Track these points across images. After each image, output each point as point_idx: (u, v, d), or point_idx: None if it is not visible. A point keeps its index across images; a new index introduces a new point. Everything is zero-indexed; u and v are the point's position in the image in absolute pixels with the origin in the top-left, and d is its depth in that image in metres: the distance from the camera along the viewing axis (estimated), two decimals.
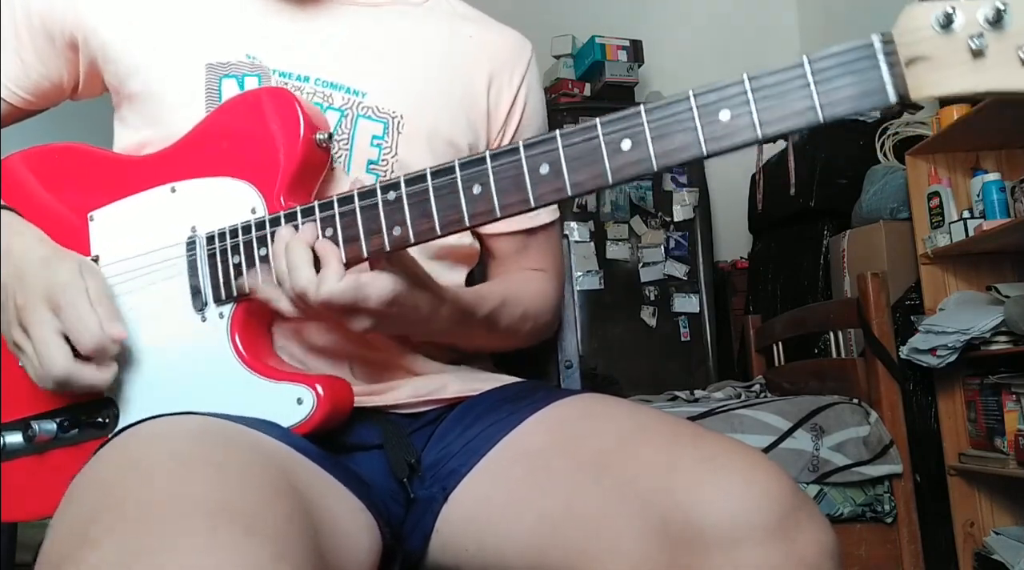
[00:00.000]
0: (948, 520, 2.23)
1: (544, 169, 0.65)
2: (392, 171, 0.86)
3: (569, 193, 0.64)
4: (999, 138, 2.30)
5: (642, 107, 0.62)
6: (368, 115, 0.86)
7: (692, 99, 0.60)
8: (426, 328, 0.80)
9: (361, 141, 0.85)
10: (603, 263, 3.51)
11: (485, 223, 0.68)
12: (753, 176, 3.41)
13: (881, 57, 0.57)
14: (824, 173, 2.91)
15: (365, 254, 0.71)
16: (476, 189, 0.66)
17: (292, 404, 0.73)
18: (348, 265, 0.72)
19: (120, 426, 0.77)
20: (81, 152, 0.87)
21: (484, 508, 0.75)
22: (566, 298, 1.08)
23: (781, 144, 3.26)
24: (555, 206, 0.97)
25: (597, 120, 0.63)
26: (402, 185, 0.69)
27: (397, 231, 0.69)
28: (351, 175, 0.85)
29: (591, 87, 3.75)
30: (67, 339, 0.74)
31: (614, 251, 3.54)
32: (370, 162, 0.86)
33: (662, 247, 3.55)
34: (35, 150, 0.89)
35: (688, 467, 0.66)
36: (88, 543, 0.52)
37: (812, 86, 0.58)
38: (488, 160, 0.66)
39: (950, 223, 2.25)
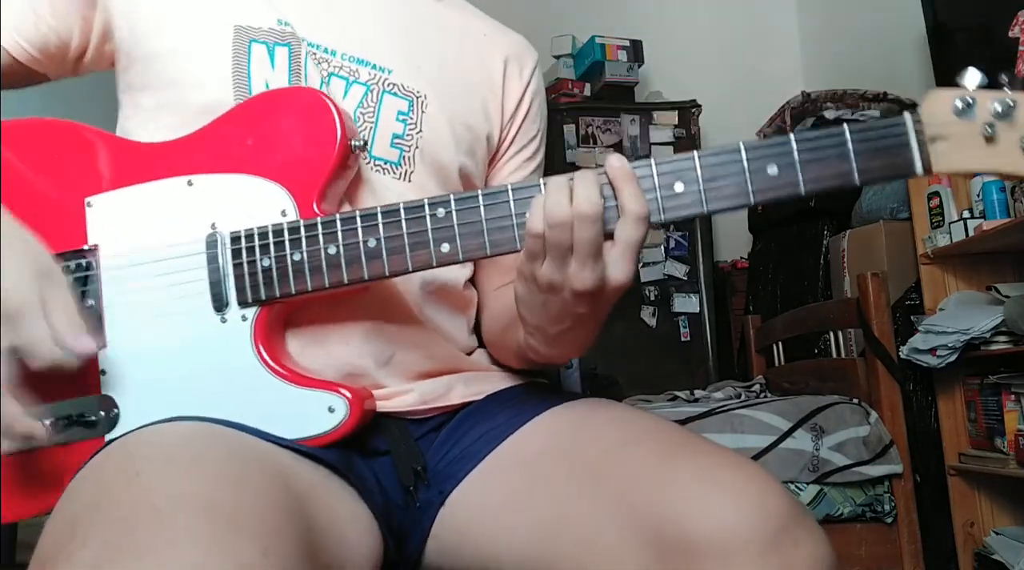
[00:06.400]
0: (948, 520, 2.23)
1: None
2: (416, 147, 0.86)
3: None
4: None
5: (695, 154, 0.69)
6: (394, 92, 0.86)
7: (743, 151, 0.68)
8: (596, 322, 0.75)
9: (387, 115, 0.85)
10: None
11: None
12: None
13: (912, 134, 0.66)
14: None
15: (410, 268, 0.72)
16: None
17: (323, 412, 0.73)
18: (388, 276, 0.73)
19: (120, 425, 0.74)
20: (74, 130, 0.81)
21: (480, 515, 0.75)
22: None
23: None
24: None
25: (652, 161, 0.69)
26: (452, 202, 0.71)
27: (445, 248, 0.71)
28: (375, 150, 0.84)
29: (591, 87, 3.75)
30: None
31: None
32: (395, 136, 0.85)
33: (662, 247, 3.55)
34: (19, 122, 0.81)
35: (683, 479, 0.66)
36: (75, 540, 0.52)
37: (851, 155, 0.67)
38: (542, 187, 0.69)
39: (950, 223, 2.25)
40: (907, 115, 0.67)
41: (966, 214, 2.21)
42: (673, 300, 3.53)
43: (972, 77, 0.66)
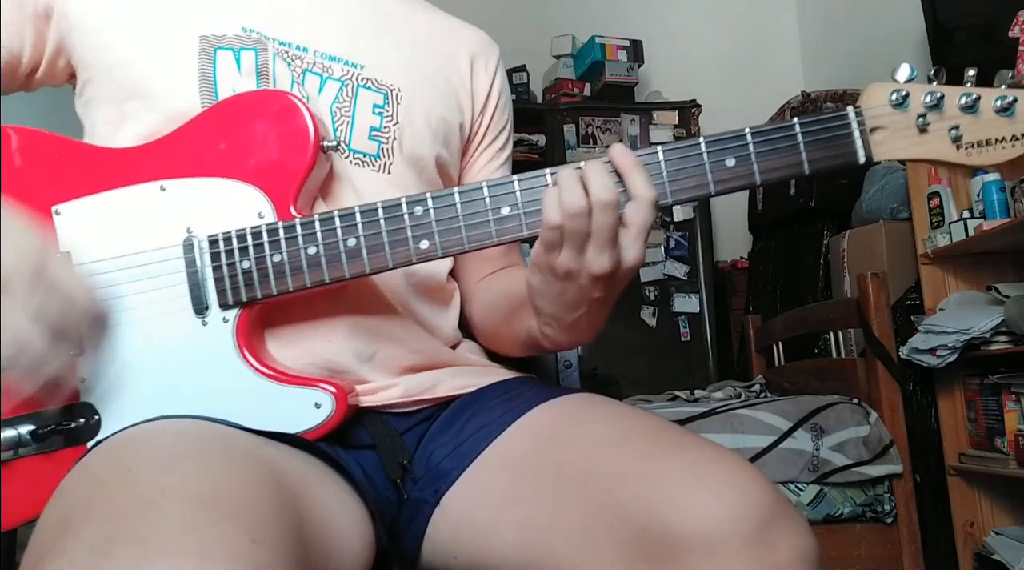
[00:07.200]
0: (948, 520, 2.23)
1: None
2: (395, 139, 0.87)
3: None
4: None
5: (659, 148, 0.72)
6: (368, 86, 0.87)
7: (703, 146, 0.72)
8: (608, 305, 0.77)
9: (363, 109, 0.86)
10: None
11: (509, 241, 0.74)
12: None
13: (855, 126, 0.71)
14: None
15: (390, 265, 0.73)
16: (504, 210, 0.73)
17: (310, 408, 0.73)
18: (369, 273, 0.74)
19: (103, 432, 0.74)
20: (35, 137, 0.78)
21: (471, 517, 0.76)
22: None
23: None
24: None
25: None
26: (429, 201, 0.73)
27: (424, 244, 0.73)
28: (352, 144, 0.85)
29: (591, 87, 3.76)
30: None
31: None
32: (372, 129, 0.86)
33: (662, 247, 3.55)
34: None
35: (668, 475, 0.66)
36: (68, 535, 0.53)
37: (801, 147, 0.72)
38: (516, 183, 0.73)
39: (950, 223, 2.25)
40: (850, 108, 0.72)
41: (966, 214, 2.21)
42: (673, 300, 3.54)
43: (902, 72, 0.72)
